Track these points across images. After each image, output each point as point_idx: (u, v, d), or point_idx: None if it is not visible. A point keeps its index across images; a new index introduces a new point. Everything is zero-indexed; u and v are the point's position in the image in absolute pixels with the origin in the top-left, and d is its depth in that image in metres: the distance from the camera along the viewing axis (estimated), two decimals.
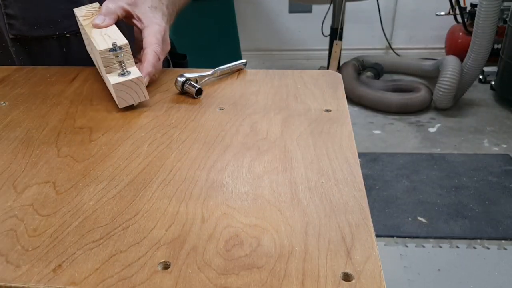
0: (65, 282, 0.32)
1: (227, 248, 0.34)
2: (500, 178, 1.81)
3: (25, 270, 0.33)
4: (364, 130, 2.22)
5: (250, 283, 0.31)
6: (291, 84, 0.63)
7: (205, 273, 0.32)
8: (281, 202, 0.39)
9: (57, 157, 0.47)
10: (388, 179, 1.82)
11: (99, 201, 0.40)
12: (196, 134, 0.51)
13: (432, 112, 2.36)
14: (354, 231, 0.36)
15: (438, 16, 2.74)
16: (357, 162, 0.45)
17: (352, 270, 0.32)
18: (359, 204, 0.39)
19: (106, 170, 0.45)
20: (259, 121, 0.53)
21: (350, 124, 0.52)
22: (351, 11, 2.82)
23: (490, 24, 2.10)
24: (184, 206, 0.39)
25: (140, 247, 0.35)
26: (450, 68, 2.24)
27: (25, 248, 0.35)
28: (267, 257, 0.33)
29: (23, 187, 0.42)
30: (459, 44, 2.69)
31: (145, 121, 0.54)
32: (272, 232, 0.36)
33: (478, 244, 1.50)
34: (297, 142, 0.49)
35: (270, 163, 0.45)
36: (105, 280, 0.32)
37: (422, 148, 2.06)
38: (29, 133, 0.52)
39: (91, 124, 0.54)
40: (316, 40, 2.93)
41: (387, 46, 3.01)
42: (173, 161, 0.46)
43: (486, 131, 2.18)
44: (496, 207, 1.65)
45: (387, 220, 1.61)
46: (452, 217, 1.61)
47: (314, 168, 0.44)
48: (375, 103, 2.36)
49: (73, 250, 0.35)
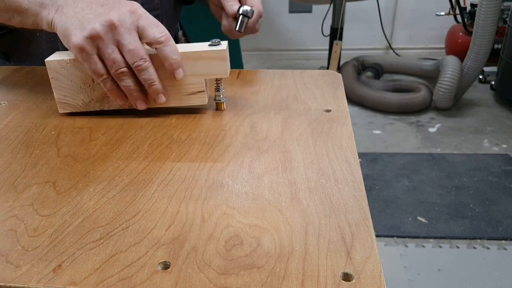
0: (65, 282, 0.32)
1: (227, 248, 0.34)
2: (500, 178, 1.81)
3: (25, 270, 0.33)
4: (364, 130, 2.22)
5: (250, 283, 0.31)
6: (291, 84, 0.63)
7: (205, 273, 0.32)
8: (281, 202, 0.39)
9: (57, 157, 0.47)
10: (388, 179, 1.82)
11: (99, 201, 0.40)
12: (196, 134, 0.51)
13: (432, 112, 2.36)
14: (354, 231, 0.36)
15: (438, 16, 2.74)
16: (357, 162, 0.45)
17: (352, 270, 0.32)
18: (359, 204, 0.39)
19: (106, 170, 0.45)
20: (259, 121, 0.53)
21: (350, 124, 0.52)
22: (351, 11, 2.82)
23: (490, 24, 2.10)
24: (184, 206, 0.39)
25: (140, 247, 0.35)
26: (450, 68, 2.24)
27: (25, 248, 0.35)
28: (267, 257, 0.33)
29: (23, 187, 0.42)
30: (459, 44, 2.69)
31: (145, 121, 0.54)
32: (272, 232, 0.36)
33: (478, 244, 1.49)
34: (297, 142, 0.49)
35: (270, 163, 0.45)
36: (105, 280, 0.32)
37: (422, 148, 2.06)
38: (29, 133, 0.52)
39: (91, 124, 0.54)
40: (316, 40, 2.93)
41: (387, 46, 3.01)
42: (173, 161, 0.46)
43: (486, 131, 2.18)
44: (496, 207, 1.65)
45: (387, 220, 1.61)
46: (452, 217, 1.61)
47: (314, 168, 0.44)
48: (375, 103, 2.36)
49: (73, 250, 0.35)
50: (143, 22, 0.49)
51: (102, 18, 0.48)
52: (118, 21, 0.48)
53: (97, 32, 0.47)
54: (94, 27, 0.47)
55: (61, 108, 0.56)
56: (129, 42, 0.48)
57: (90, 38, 0.47)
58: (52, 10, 0.50)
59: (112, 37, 0.48)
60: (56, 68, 0.53)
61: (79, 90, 0.54)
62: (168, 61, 0.50)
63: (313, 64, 2.98)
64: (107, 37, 0.48)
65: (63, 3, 0.50)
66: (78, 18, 0.48)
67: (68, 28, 0.48)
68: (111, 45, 0.48)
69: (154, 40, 0.49)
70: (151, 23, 0.49)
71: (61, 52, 0.55)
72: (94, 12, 0.48)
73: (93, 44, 0.48)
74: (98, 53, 0.49)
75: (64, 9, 0.50)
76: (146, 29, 0.49)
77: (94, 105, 0.55)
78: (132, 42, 0.48)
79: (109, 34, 0.48)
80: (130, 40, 0.48)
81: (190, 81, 0.53)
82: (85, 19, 0.48)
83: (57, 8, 0.50)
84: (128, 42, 0.48)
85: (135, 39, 0.49)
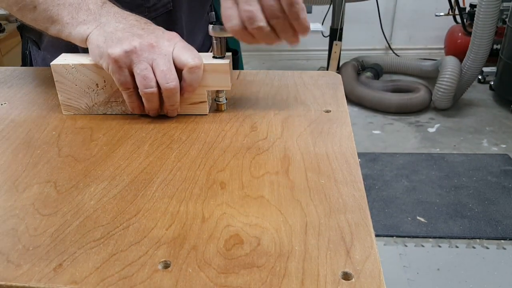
0: (65, 281, 0.32)
1: (227, 247, 0.35)
2: (499, 178, 1.81)
3: (26, 269, 0.33)
4: (363, 130, 2.22)
5: (250, 282, 0.32)
6: (291, 85, 0.63)
7: (205, 272, 0.32)
8: (281, 201, 0.40)
9: (58, 157, 0.47)
10: (388, 179, 1.83)
11: (100, 200, 0.40)
12: (196, 134, 0.51)
13: (431, 112, 2.36)
14: (353, 231, 0.36)
15: (437, 17, 2.74)
16: (356, 162, 0.45)
17: (351, 269, 0.32)
18: (359, 204, 0.39)
19: (107, 169, 0.45)
20: (259, 121, 0.54)
21: (349, 124, 0.53)
22: (351, 12, 2.82)
23: (489, 25, 2.10)
24: (184, 205, 0.39)
25: (140, 246, 0.35)
26: (450, 68, 2.25)
27: (26, 247, 0.35)
28: (267, 256, 0.34)
29: (24, 187, 0.42)
30: (458, 44, 2.69)
31: (145, 122, 0.54)
32: (272, 232, 0.36)
33: (477, 244, 1.50)
34: (297, 142, 0.49)
35: (270, 163, 0.45)
36: (105, 279, 0.32)
37: (422, 148, 2.06)
38: (30, 133, 0.52)
39: (92, 124, 0.54)
40: (316, 40, 2.93)
41: (386, 47, 3.02)
42: (174, 161, 0.46)
43: (485, 131, 2.19)
44: (495, 206, 1.65)
45: (387, 219, 1.61)
46: (451, 216, 1.61)
47: (314, 168, 0.44)
48: (374, 103, 2.36)
49: (74, 249, 0.35)
50: (178, 48, 0.51)
51: (141, 38, 0.50)
52: (155, 43, 0.50)
53: (135, 47, 0.49)
54: (133, 43, 0.49)
55: (65, 110, 0.56)
56: (163, 63, 0.50)
57: (127, 52, 0.49)
58: (92, 26, 0.52)
59: (148, 55, 0.49)
60: (61, 71, 0.53)
61: (83, 94, 0.55)
62: (185, 87, 0.52)
63: (313, 65, 2.98)
64: (143, 54, 0.49)
65: (106, 21, 0.52)
66: (118, 35, 0.50)
67: (106, 41, 0.50)
68: (145, 62, 0.50)
69: (183, 64, 0.51)
70: (186, 49, 0.51)
71: (67, 55, 0.55)
72: (135, 33, 0.50)
73: (128, 58, 0.49)
74: (129, 67, 0.50)
75: (105, 27, 0.51)
76: (180, 55, 0.51)
77: (97, 109, 0.56)
78: (166, 63, 0.50)
79: (145, 52, 0.49)
80: (164, 61, 0.50)
81: None
82: (125, 36, 0.50)
83: (98, 24, 0.52)
84: (163, 63, 0.50)
85: (169, 61, 0.50)
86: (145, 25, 0.53)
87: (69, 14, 0.52)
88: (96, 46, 0.50)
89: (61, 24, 0.53)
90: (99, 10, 0.52)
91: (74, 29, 0.52)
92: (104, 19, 0.52)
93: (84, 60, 0.53)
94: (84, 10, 0.52)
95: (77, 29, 0.52)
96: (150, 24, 0.53)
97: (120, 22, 0.52)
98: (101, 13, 0.52)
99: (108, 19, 0.52)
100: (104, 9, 0.53)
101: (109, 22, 0.52)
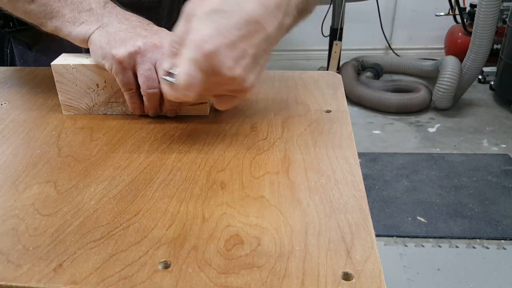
0: (65, 281, 0.32)
1: (227, 247, 0.35)
2: (500, 178, 1.81)
3: (26, 270, 0.33)
4: (364, 130, 2.22)
5: (251, 283, 0.32)
6: (291, 85, 0.63)
7: (205, 273, 0.32)
8: (281, 202, 0.40)
9: (58, 157, 0.47)
10: (388, 179, 1.83)
11: (100, 200, 0.40)
12: (197, 134, 0.51)
13: (431, 112, 2.36)
14: (354, 231, 0.36)
15: (437, 17, 2.74)
16: (357, 162, 0.45)
17: (352, 269, 0.32)
18: (359, 204, 0.39)
19: (107, 170, 0.45)
20: (259, 121, 0.54)
21: (350, 124, 0.53)
22: (351, 11, 2.82)
23: (489, 25, 2.10)
24: (184, 205, 0.39)
25: (140, 247, 0.35)
26: (450, 68, 2.24)
27: (26, 247, 0.35)
28: (267, 257, 0.34)
29: (24, 187, 0.42)
30: (458, 44, 2.69)
31: (145, 122, 0.54)
32: (272, 232, 0.36)
33: (478, 244, 1.50)
34: (297, 143, 0.49)
35: (270, 163, 0.45)
36: (105, 279, 0.32)
37: (422, 148, 2.06)
38: (30, 133, 0.52)
39: (92, 124, 0.54)
40: (316, 40, 2.92)
41: (386, 47, 3.01)
42: (174, 161, 0.46)
43: (486, 131, 2.19)
44: (495, 206, 1.65)
45: (387, 219, 1.61)
46: (451, 216, 1.61)
47: (314, 168, 0.44)
48: (374, 103, 2.36)
49: (74, 249, 0.35)
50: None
51: (145, 39, 0.50)
52: (159, 43, 0.50)
53: (139, 47, 0.49)
54: (137, 44, 0.49)
55: (65, 110, 0.56)
56: (166, 64, 0.49)
57: (131, 53, 0.49)
58: (94, 26, 0.51)
59: (152, 56, 0.49)
60: (61, 71, 0.53)
61: (84, 94, 0.55)
62: None
63: (313, 65, 2.98)
64: (147, 54, 0.49)
65: (108, 22, 0.51)
66: (121, 36, 0.50)
67: (109, 42, 0.49)
68: (148, 62, 0.49)
69: None
70: None
71: (67, 55, 0.55)
72: (138, 34, 0.50)
73: (132, 58, 0.49)
74: (133, 68, 0.50)
75: (108, 27, 0.51)
76: None
77: (97, 110, 0.56)
78: (169, 64, 0.49)
79: (149, 52, 0.49)
80: (168, 62, 0.49)
81: None
82: (128, 37, 0.50)
83: (100, 25, 0.51)
84: (166, 63, 0.49)
85: (172, 63, 0.50)
86: (148, 26, 0.52)
87: (71, 12, 0.52)
88: (99, 47, 0.50)
89: (61, 21, 0.52)
90: (101, 10, 0.52)
91: (74, 29, 0.52)
92: (107, 19, 0.52)
93: (84, 61, 0.53)
94: (86, 9, 0.52)
95: (78, 29, 0.52)
96: (152, 25, 0.53)
97: (123, 23, 0.52)
98: (103, 13, 0.52)
99: (111, 19, 0.52)
100: (106, 9, 0.53)
101: (112, 23, 0.52)
